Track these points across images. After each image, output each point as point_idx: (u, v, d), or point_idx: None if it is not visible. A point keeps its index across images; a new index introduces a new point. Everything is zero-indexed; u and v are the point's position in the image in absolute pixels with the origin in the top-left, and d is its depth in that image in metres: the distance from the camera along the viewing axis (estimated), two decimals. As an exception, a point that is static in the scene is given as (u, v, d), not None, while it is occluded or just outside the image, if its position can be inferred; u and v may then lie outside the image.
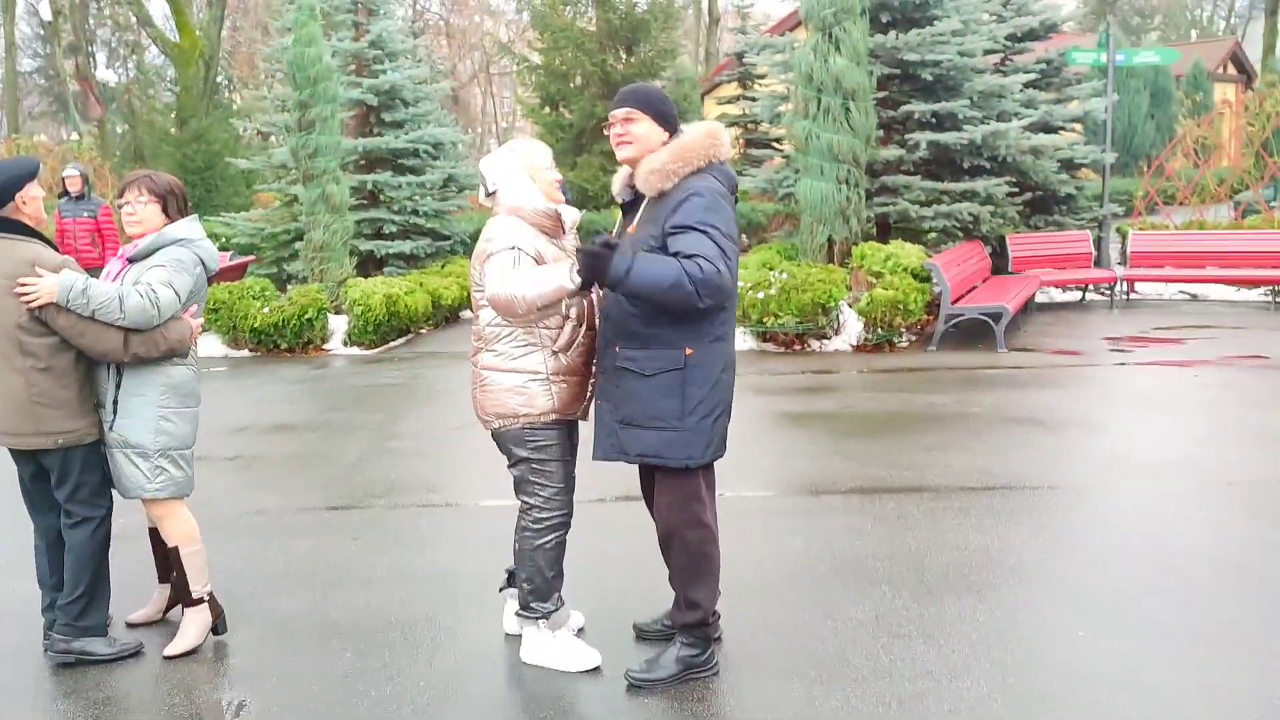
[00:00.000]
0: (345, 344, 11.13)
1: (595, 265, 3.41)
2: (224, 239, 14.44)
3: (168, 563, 4.23)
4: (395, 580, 4.74)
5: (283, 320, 10.65)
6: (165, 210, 3.98)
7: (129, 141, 27.72)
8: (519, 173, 3.81)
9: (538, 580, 3.86)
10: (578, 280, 3.46)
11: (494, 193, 3.83)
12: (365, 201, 13.64)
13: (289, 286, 12.17)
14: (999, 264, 12.58)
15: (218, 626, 4.11)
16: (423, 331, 12.26)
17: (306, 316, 10.79)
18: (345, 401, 8.72)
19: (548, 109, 22.57)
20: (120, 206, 4.00)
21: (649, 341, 3.58)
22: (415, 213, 13.95)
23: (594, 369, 3.85)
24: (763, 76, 24.41)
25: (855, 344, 10.22)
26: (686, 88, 22.77)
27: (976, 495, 5.66)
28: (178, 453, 3.98)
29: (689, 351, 3.56)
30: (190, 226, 4.04)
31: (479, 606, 4.37)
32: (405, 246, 13.72)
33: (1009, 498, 5.61)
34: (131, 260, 3.98)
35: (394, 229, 13.80)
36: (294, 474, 6.52)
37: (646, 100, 3.68)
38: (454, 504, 5.86)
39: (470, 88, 43.64)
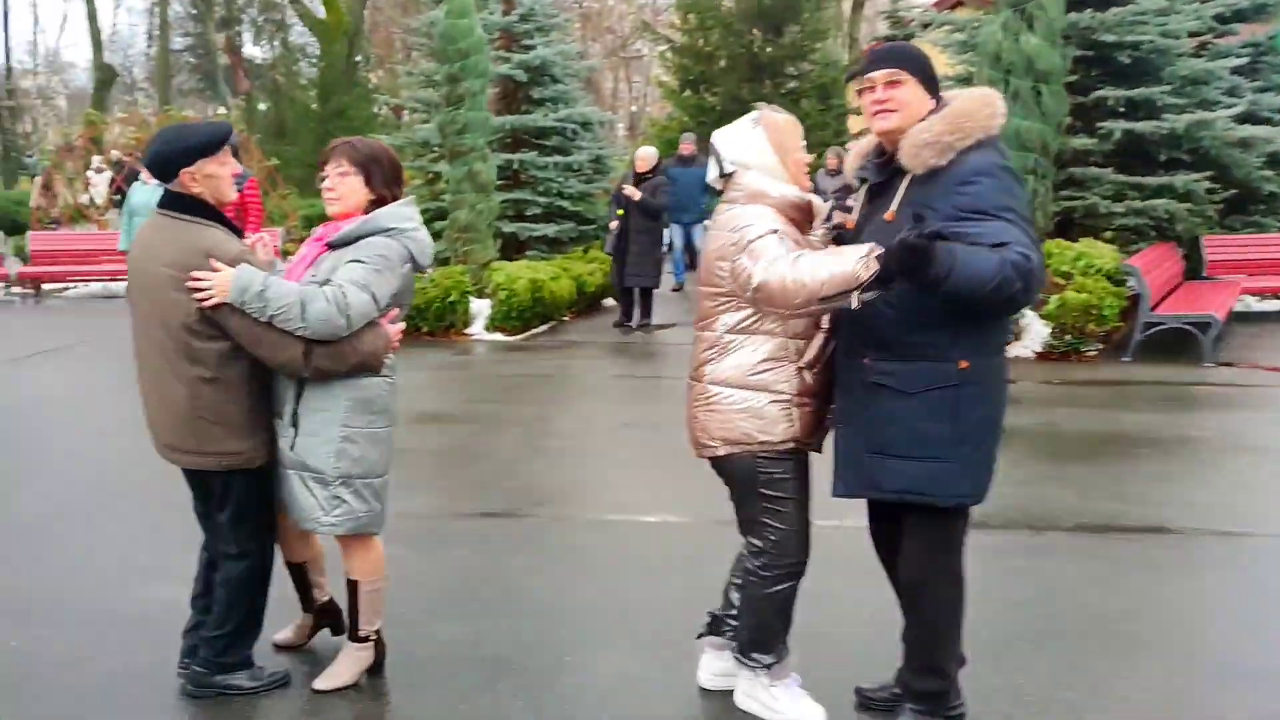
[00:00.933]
0: (487, 329, 10.68)
1: (913, 260, 2.70)
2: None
3: (310, 593, 3.72)
4: (566, 608, 4.17)
5: (425, 303, 10.23)
6: (370, 183, 3.35)
7: (271, 117, 28.07)
8: (766, 152, 3.17)
9: (761, 630, 3.25)
10: (873, 268, 2.77)
11: (730, 174, 3.19)
12: (509, 182, 13.20)
13: (429, 268, 11.81)
14: (1190, 268, 11.44)
15: (377, 668, 3.58)
16: (565, 319, 11.75)
17: (449, 300, 10.37)
18: (493, 392, 8.24)
19: (688, 92, 21.92)
20: (321, 182, 3.40)
21: (912, 352, 2.91)
22: (560, 195, 13.44)
23: (833, 392, 3.20)
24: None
25: (1038, 351, 9.30)
26: (834, 71, 21.86)
27: (1235, 543, 4.82)
28: (361, 481, 3.33)
29: (964, 365, 2.88)
30: (402, 211, 3.38)
31: (668, 649, 3.75)
32: (549, 230, 13.23)
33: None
34: (331, 246, 3.36)
35: (537, 211, 13.32)
36: (444, 472, 6.03)
37: (914, 61, 3.01)
38: (621, 519, 5.25)
39: (601, 70, 43.27)
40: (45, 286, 14.36)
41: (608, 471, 6.05)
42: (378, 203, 3.35)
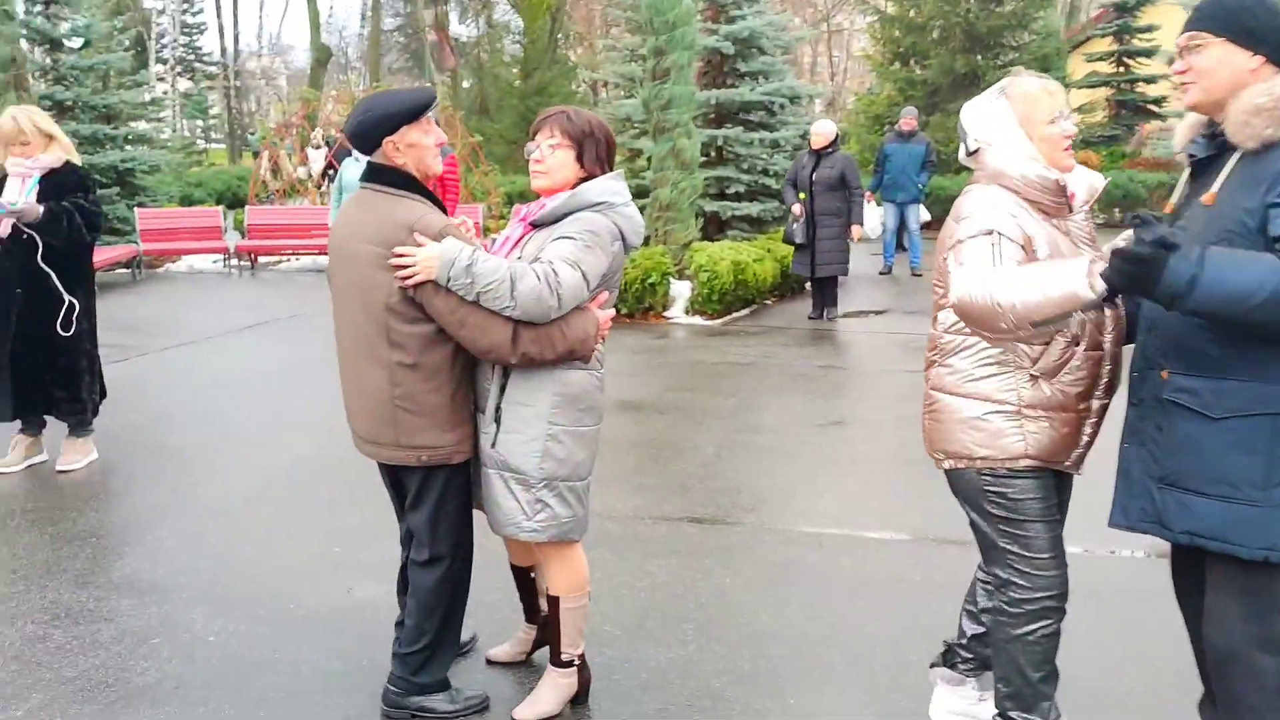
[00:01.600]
0: (687, 312, 10.31)
1: (1139, 272, 2.19)
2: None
3: (534, 601, 3.42)
4: (784, 635, 3.73)
5: (624, 284, 9.93)
6: (581, 158, 3.03)
7: (475, 94, 28.56)
8: (1010, 126, 2.69)
9: (1017, 682, 2.76)
10: (1100, 289, 2.26)
11: (976, 151, 2.72)
12: (711, 159, 12.77)
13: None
14: None
15: (581, 696, 3.24)
16: (768, 303, 11.26)
17: (650, 281, 10.04)
18: (693, 379, 7.85)
19: (896, 64, 20.97)
20: (529, 154, 3.08)
21: (1222, 367, 2.33)
22: (764, 172, 12.91)
23: (1094, 404, 2.68)
24: (1146, 30, 21.66)
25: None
26: (1055, 42, 20.45)
27: None
28: (565, 485, 3.02)
29: (1289, 390, 2.29)
30: (612, 185, 3.04)
31: (901, 693, 3.27)
32: (752, 209, 12.72)
33: None
34: (535, 225, 3.05)
35: (740, 189, 12.83)
36: (645, 468, 5.68)
37: (1221, 15, 2.39)
38: (839, 534, 4.75)
39: (805, 44, 42.22)
40: (261, 259, 14.90)
41: (820, 476, 5.55)
42: (587, 181, 3.03)
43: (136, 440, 6.18)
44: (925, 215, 12.84)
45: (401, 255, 2.84)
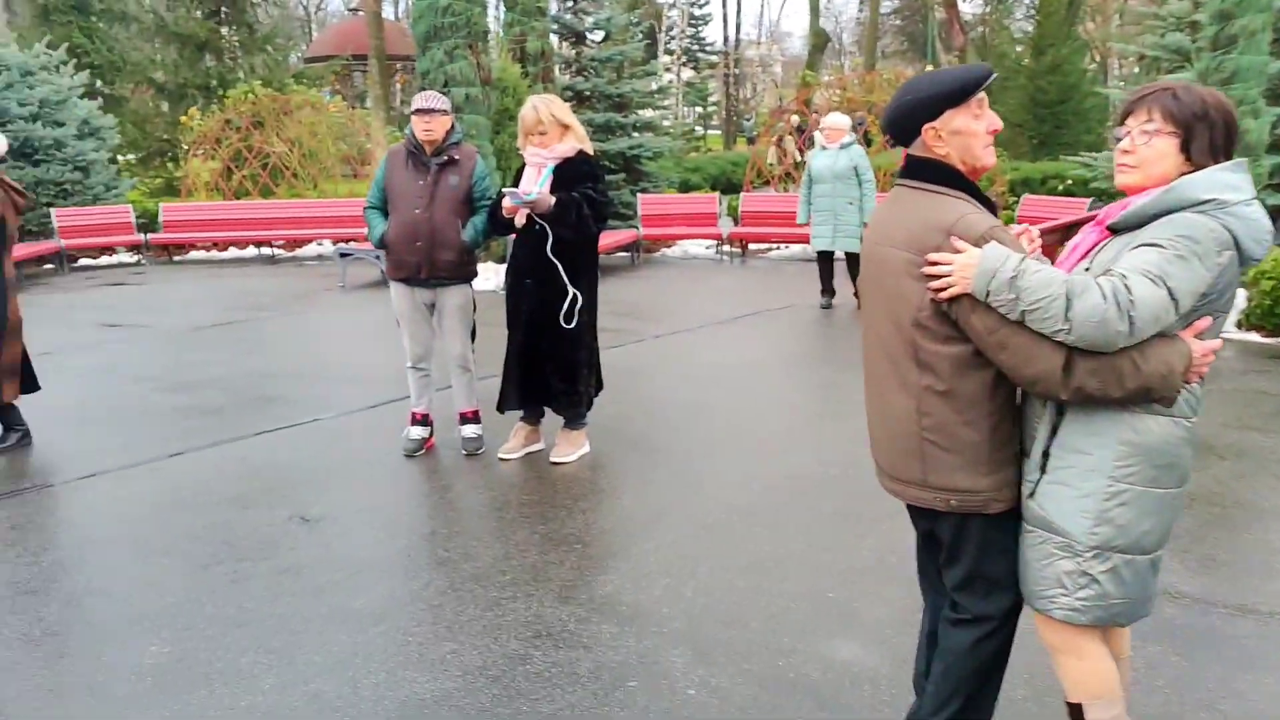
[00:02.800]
0: (1240, 326, 8.60)
1: None
2: (1081, 182, 12.54)
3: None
4: None
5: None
6: (1188, 149, 2.27)
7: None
8: None
9: None
10: None
11: None
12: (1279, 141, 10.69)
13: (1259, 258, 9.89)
14: None
15: None
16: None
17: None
18: (1257, 414, 6.37)
19: None
20: (1117, 142, 2.32)
21: None
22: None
23: None
24: None
25: None
26: None
27: None
28: (1123, 558, 2.33)
29: None
30: (1225, 178, 2.25)
31: None
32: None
33: None
34: (1114, 230, 2.33)
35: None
36: (1212, 533, 4.51)
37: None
38: None
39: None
40: (750, 247, 14.87)
41: None
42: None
43: (627, 434, 6.04)
44: None
45: (935, 263, 2.29)
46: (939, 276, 2.29)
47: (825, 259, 10.08)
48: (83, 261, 14.97)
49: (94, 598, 4.05)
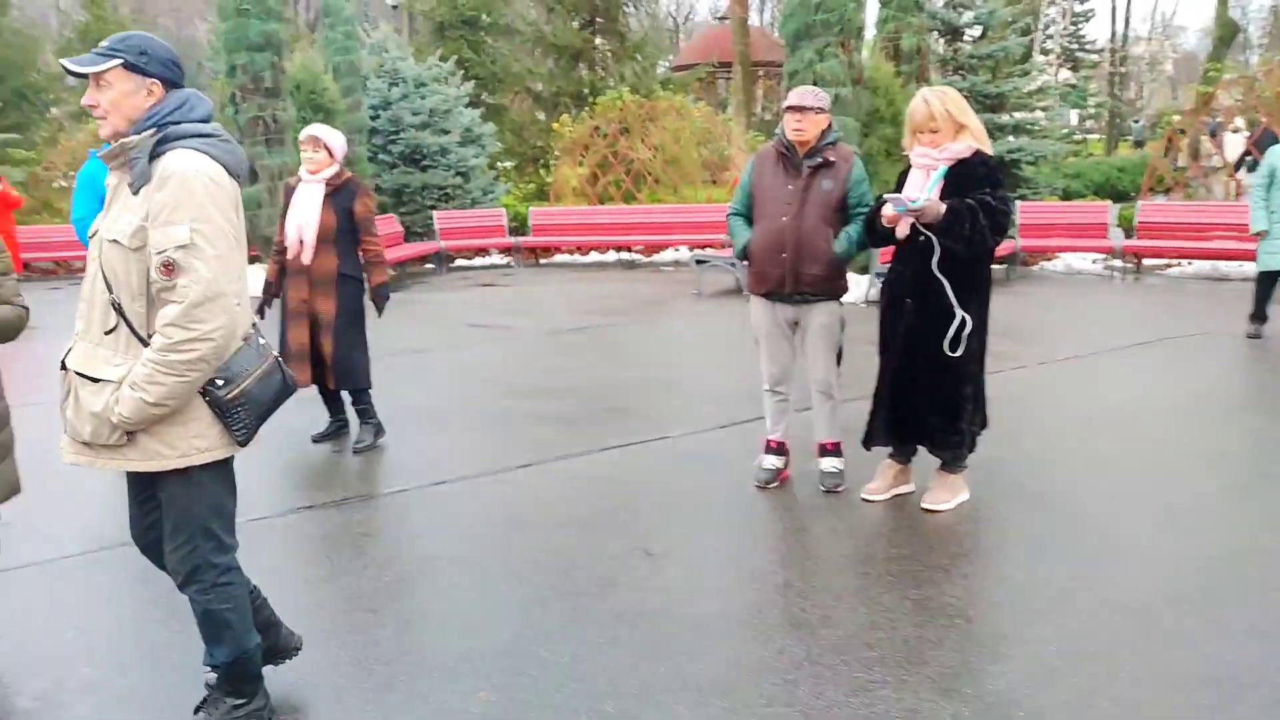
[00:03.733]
0: None
1: None
2: None
3: None
4: None
5: None
6: None
7: None
8: None
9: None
10: None
11: None
12: None
13: None
14: None
15: None
16: None
17: None
18: None
19: None
20: None
21: None
22: None
23: None
24: None
25: None
26: None
27: None
28: None
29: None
30: None
31: None
32: None
33: None
34: None
35: None
36: None
37: None
38: None
39: None
40: (1144, 262, 13.19)
41: None
42: None
43: (1010, 481, 5.18)
44: None
45: None
46: None
47: (1268, 279, 8.52)
48: (459, 262, 15.81)
49: (428, 625, 3.81)
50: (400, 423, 6.42)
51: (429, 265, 15.31)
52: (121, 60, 2.70)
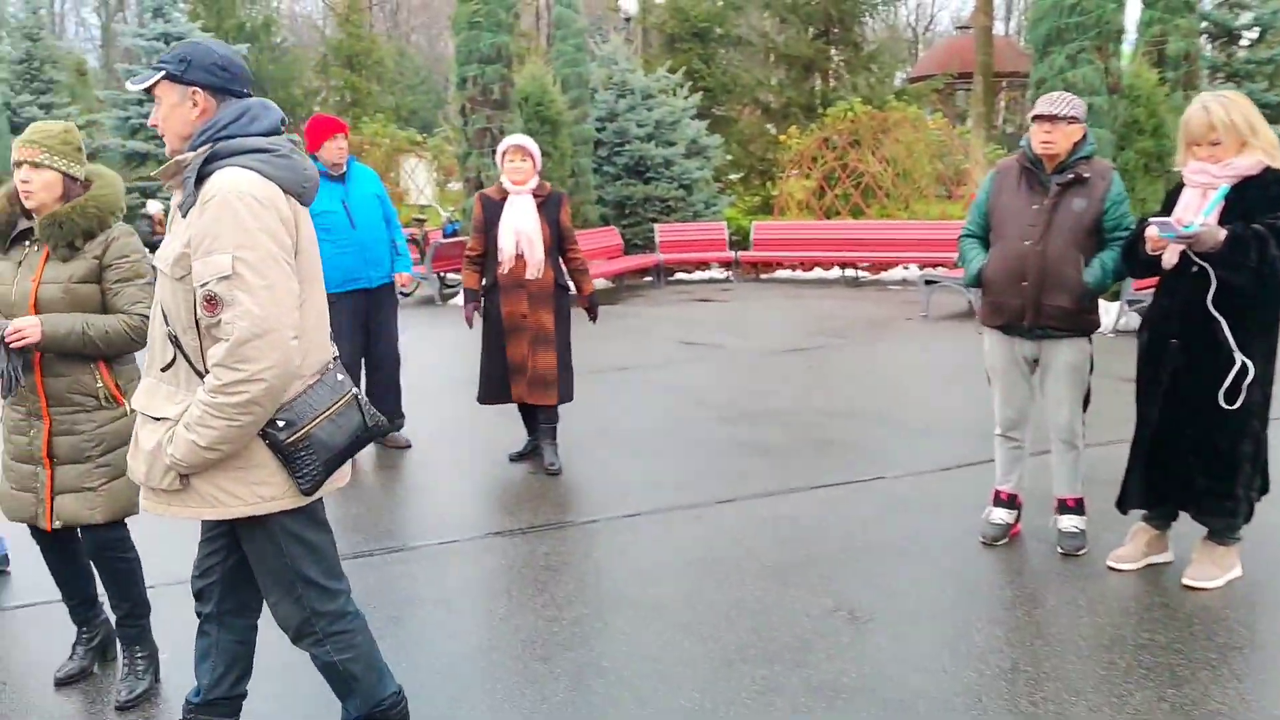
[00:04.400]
0: None
1: None
2: None
3: None
4: None
5: None
6: None
7: None
8: None
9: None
10: None
11: None
12: None
13: None
14: None
15: None
16: None
17: None
18: None
19: None
20: None
21: None
22: None
23: None
24: None
25: None
26: None
27: None
28: None
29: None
30: None
31: None
32: None
33: None
34: None
35: None
36: None
37: None
38: None
39: None
40: None
41: None
42: None
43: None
44: None
45: None
46: None
47: None
48: (678, 275, 15.60)
49: (603, 680, 3.47)
50: (596, 446, 6.16)
51: (647, 278, 15.18)
52: (164, 72, 2.48)
